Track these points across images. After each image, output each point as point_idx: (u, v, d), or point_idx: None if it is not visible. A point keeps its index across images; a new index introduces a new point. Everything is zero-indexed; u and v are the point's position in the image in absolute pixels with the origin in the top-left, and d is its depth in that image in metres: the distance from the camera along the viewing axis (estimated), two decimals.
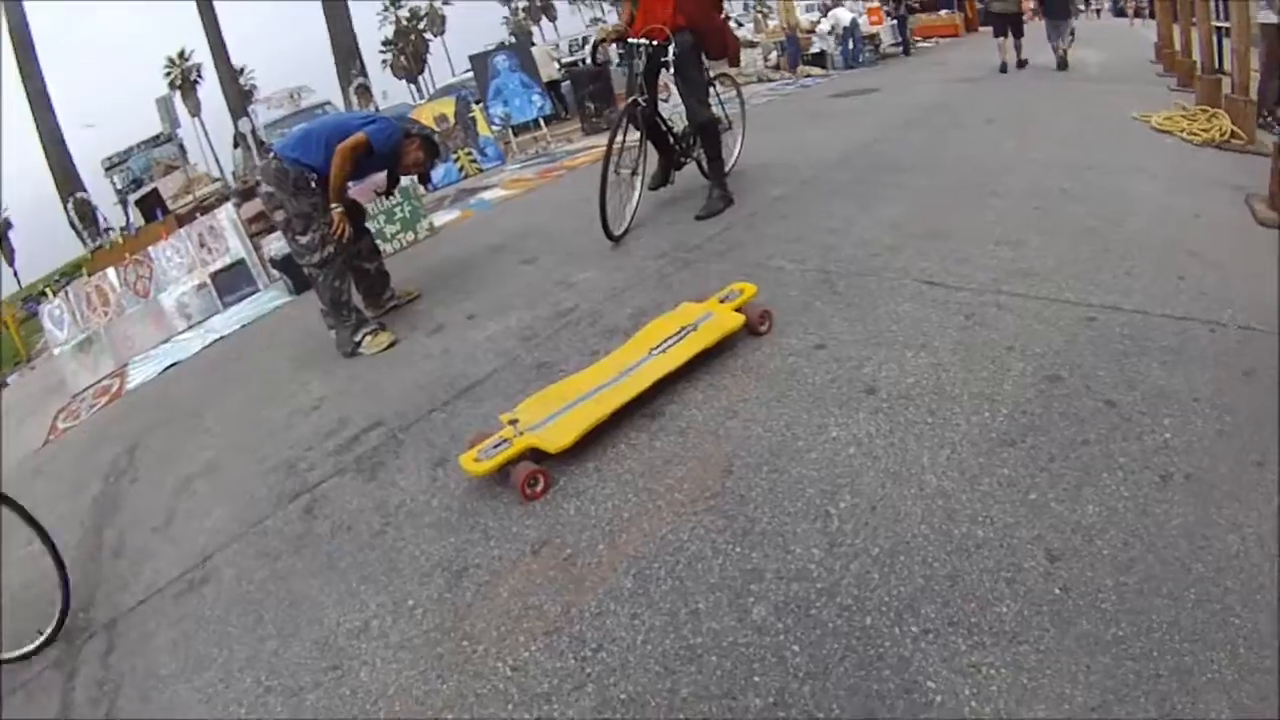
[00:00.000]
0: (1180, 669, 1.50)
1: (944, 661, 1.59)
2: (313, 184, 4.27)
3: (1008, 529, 1.92)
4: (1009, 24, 11.50)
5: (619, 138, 4.83)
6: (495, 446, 2.57)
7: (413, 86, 65.90)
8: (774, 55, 16.49)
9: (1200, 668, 1.50)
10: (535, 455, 2.54)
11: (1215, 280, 3.11)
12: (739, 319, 3.13)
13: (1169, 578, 1.71)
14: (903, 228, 4.22)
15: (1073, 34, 11.64)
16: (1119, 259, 3.38)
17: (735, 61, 5.84)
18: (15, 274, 44.71)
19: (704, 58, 5.24)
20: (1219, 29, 7.94)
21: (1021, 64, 11.57)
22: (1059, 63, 11.23)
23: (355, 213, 4.74)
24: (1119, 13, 29.50)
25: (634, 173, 5.11)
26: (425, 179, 5.01)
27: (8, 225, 50.66)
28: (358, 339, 4.32)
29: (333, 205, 4.25)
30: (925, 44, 18.51)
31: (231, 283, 6.98)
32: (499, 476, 2.56)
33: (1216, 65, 7.16)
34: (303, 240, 4.32)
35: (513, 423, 2.70)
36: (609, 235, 4.86)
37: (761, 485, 2.26)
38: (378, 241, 5.50)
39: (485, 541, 2.31)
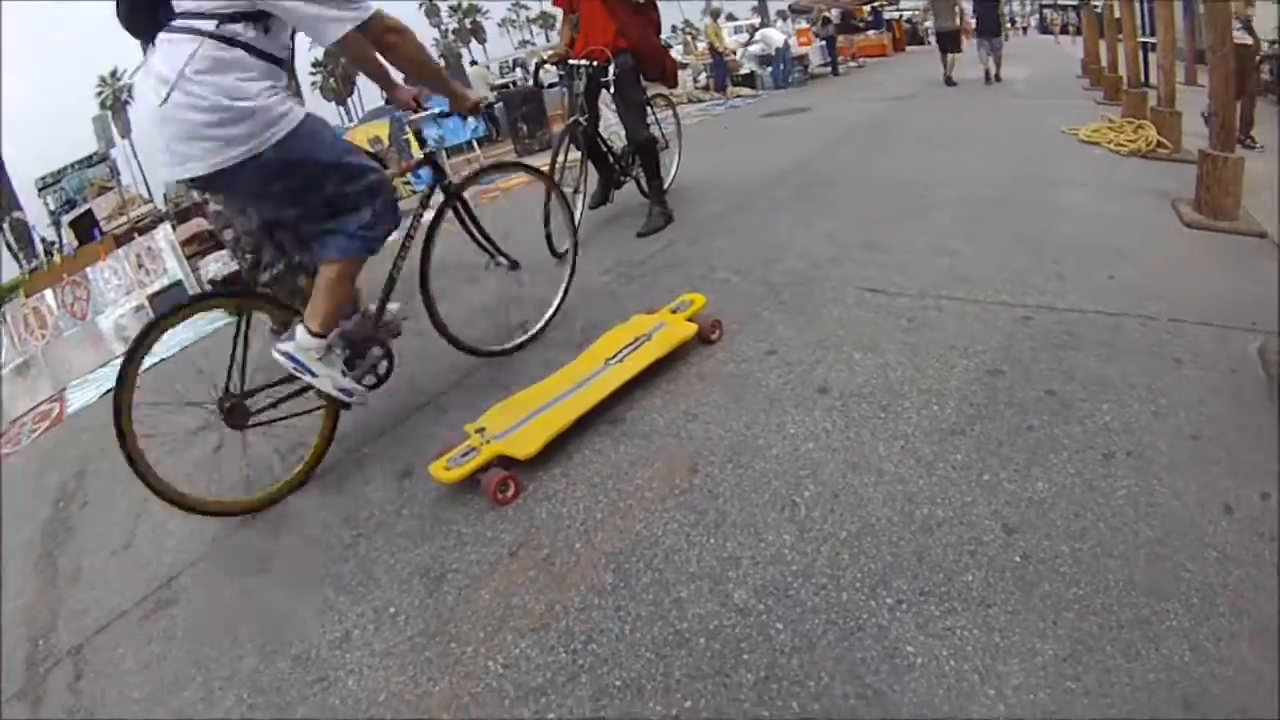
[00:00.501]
0: (1140, 619, 1.64)
1: (920, 628, 1.69)
2: None
3: (965, 507, 2.04)
4: (947, 41, 13.30)
5: (561, 157, 4.91)
6: (464, 455, 2.60)
7: (341, 109, 65.28)
8: (703, 76, 16.84)
9: (1158, 618, 1.63)
10: (504, 462, 2.57)
11: (1145, 278, 3.34)
12: (691, 328, 3.22)
13: (1120, 541, 1.86)
14: (841, 240, 4.38)
15: (1001, 54, 12.88)
16: (1051, 263, 3.58)
17: (672, 83, 5.98)
18: None
19: (642, 79, 5.37)
20: (1145, 44, 8.41)
21: (951, 83, 12.85)
22: (987, 76, 12.48)
23: None
24: (1044, 30, 30.96)
25: (575, 191, 5.19)
26: None
27: None
28: None
29: None
30: (853, 64, 19.06)
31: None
32: (467, 485, 2.57)
33: (1143, 79, 7.56)
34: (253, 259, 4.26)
35: (479, 431, 2.73)
36: (553, 252, 4.92)
37: (728, 481, 2.34)
38: None
39: (461, 547, 2.33)
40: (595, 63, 4.98)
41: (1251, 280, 3.29)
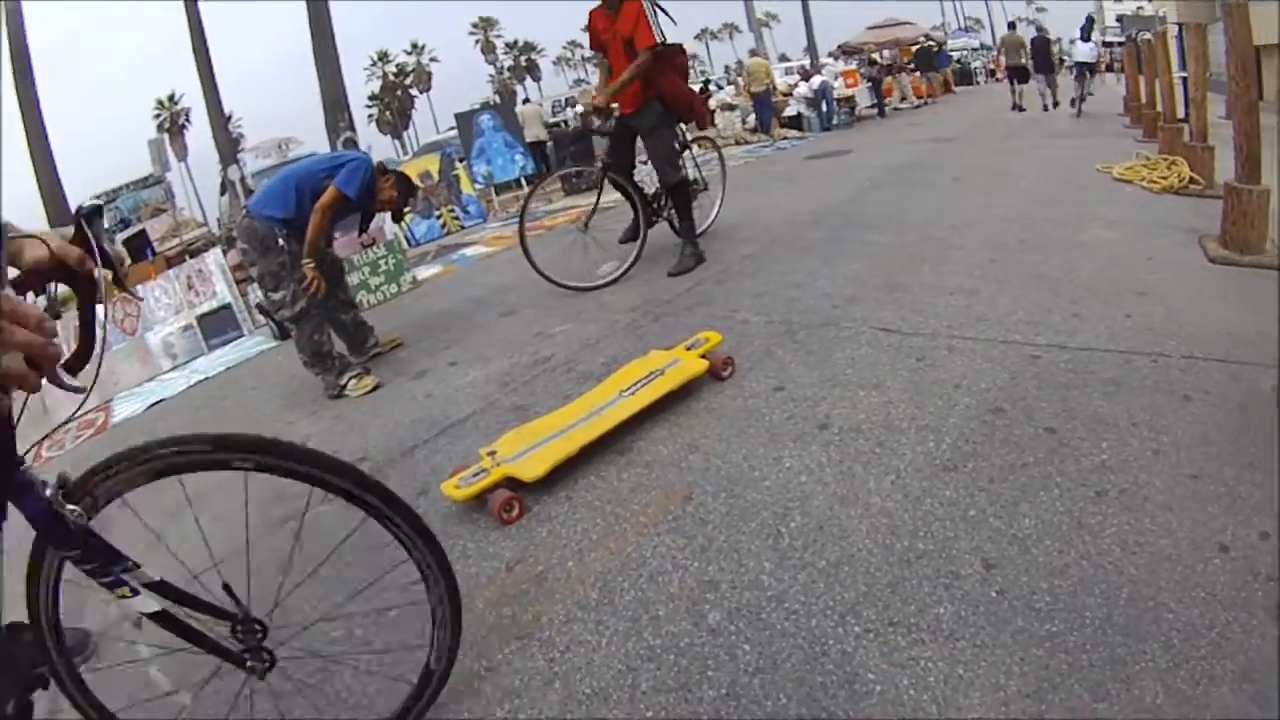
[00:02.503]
0: (1114, 659, 1.61)
1: (884, 656, 1.72)
2: (280, 241, 4.31)
3: (947, 542, 2.06)
4: (1017, 74, 16.49)
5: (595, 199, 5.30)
6: (475, 475, 2.73)
7: (397, 142, 67.07)
8: (751, 118, 17.00)
9: (1134, 658, 1.60)
10: (511, 484, 2.68)
11: (1162, 315, 3.31)
12: (703, 364, 3.31)
13: (1102, 580, 1.83)
14: (863, 281, 4.44)
15: (1056, 87, 16.17)
16: (1068, 302, 3.59)
17: (703, 124, 6.09)
18: None
19: (676, 123, 5.54)
20: (1183, 79, 8.29)
21: (1021, 109, 15.81)
22: (1045, 105, 15.68)
23: (335, 268, 4.86)
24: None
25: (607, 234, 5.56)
26: (397, 217, 5.11)
27: None
28: (343, 382, 4.43)
29: (305, 260, 4.29)
30: (902, 105, 19.11)
31: (217, 326, 7.09)
32: (478, 504, 2.70)
33: (1181, 115, 7.44)
34: (274, 297, 4.41)
35: (491, 454, 2.85)
36: (549, 280, 5.27)
37: (719, 509, 2.41)
38: (361, 293, 5.62)
39: (464, 559, 2.44)
40: (621, 112, 5.24)
41: (1273, 316, 3.18)
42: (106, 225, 14.75)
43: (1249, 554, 1.84)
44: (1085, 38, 14.87)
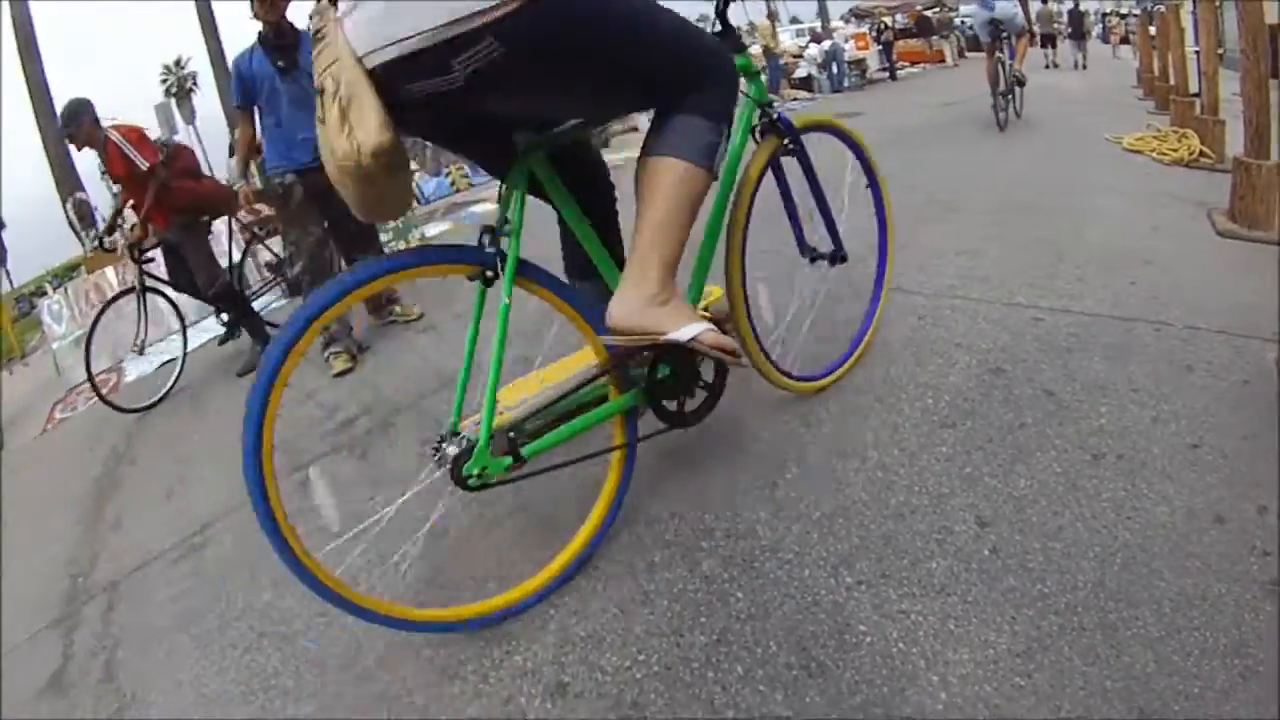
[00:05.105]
0: (1105, 624, 1.59)
1: (875, 608, 1.73)
2: (279, 186, 4.33)
3: (942, 498, 2.06)
4: (1050, 40, 20.03)
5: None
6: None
7: None
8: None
9: (1125, 624, 1.58)
10: None
11: (1167, 285, 3.25)
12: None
13: (1096, 543, 1.81)
14: (868, 240, 4.39)
15: (1086, 52, 19.85)
16: (1073, 267, 3.54)
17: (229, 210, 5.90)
18: (7, 274, 43.79)
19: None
20: (1196, 53, 8.16)
21: (1056, 65, 19.38)
22: (1075, 64, 19.12)
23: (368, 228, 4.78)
24: (1105, 40, 30.64)
25: None
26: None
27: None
28: (324, 355, 4.42)
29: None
30: (914, 69, 18.93)
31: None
32: None
33: (1194, 89, 7.33)
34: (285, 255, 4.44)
35: None
36: None
37: (716, 459, 2.44)
38: None
39: (467, 507, 2.47)
40: None
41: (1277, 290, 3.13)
42: (116, 190, 14.69)
43: (1245, 527, 1.81)
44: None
